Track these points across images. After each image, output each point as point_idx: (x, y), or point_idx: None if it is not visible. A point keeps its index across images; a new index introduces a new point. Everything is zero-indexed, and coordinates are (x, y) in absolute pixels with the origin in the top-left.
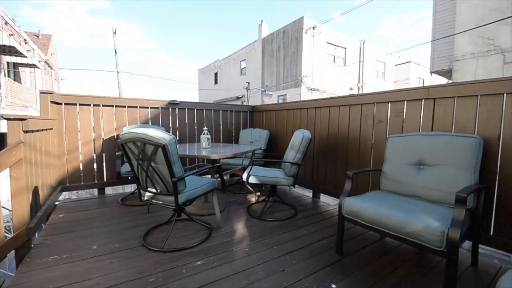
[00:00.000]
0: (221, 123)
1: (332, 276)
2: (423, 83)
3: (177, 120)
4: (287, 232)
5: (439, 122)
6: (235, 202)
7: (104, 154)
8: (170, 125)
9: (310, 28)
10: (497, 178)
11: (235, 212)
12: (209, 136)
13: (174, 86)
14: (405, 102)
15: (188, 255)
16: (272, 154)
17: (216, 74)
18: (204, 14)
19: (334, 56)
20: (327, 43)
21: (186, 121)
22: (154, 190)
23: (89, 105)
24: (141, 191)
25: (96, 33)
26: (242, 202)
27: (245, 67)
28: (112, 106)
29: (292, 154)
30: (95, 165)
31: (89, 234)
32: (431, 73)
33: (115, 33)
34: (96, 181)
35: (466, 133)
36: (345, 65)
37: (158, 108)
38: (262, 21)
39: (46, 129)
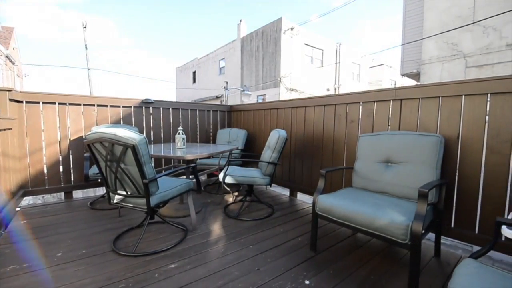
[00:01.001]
0: (198, 123)
1: (306, 273)
2: (395, 84)
3: (152, 120)
4: (264, 231)
5: (406, 121)
6: (212, 202)
7: (71, 156)
8: (144, 125)
9: (288, 29)
10: (456, 174)
11: (212, 213)
12: (184, 136)
13: (152, 85)
14: (375, 103)
15: (161, 258)
16: (249, 154)
17: (194, 72)
18: (183, 11)
19: (312, 57)
20: (305, 44)
21: (161, 121)
22: (124, 193)
23: (54, 103)
24: (110, 194)
25: (67, 27)
26: (219, 203)
27: (224, 66)
28: (80, 104)
29: (268, 153)
30: (61, 168)
31: (54, 241)
32: (401, 75)
33: (85, 27)
34: (62, 185)
35: (429, 132)
36: (322, 66)
37: (130, 107)
38: (241, 21)
39: (4, 129)
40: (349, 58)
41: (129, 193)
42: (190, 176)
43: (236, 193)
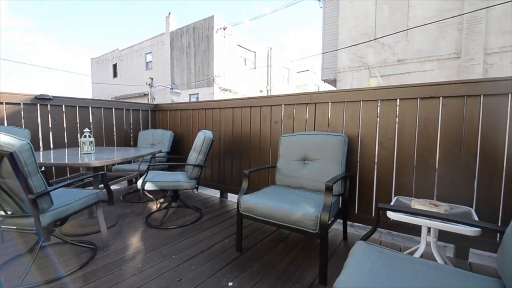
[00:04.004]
0: (114, 123)
1: (229, 275)
2: (318, 88)
3: (50, 120)
4: (189, 237)
5: (320, 123)
6: (132, 213)
7: None
8: (40, 127)
9: (221, 28)
10: (358, 168)
11: (131, 225)
12: (92, 139)
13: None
14: (295, 105)
15: (60, 286)
16: (177, 157)
17: (115, 66)
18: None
19: (245, 59)
20: (238, 45)
21: (64, 121)
22: (2, 213)
23: None
24: None
25: None
26: (140, 212)
27: (151, 61)
28: None
29: (194, 155)
30: None
31: None
32: (322, 81)
33: None
34: None
35: (337, 132)
36: (255, 68)
37: (19, 104)
38: (169, 13)
39: None
40: (279, 62)
41: (9, 213)
42: (100, 186)
43: (161, 200)
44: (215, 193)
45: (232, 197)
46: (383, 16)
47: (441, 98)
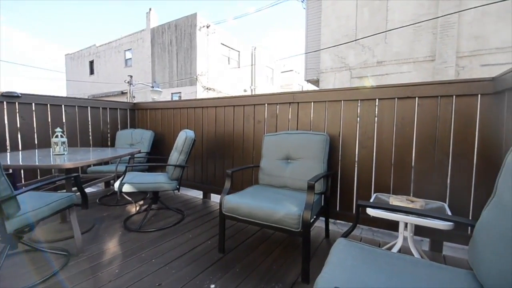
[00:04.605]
0: (90, 122)
1: (212, 277)
2: (302, 88)
3: (19, 119)
4: (170, 240)
5: (302, 122)
6: (109, 216)
7: None
8: (6, 127)
9: (204, 26)
10: (339, 166)
11: (108, 229)
12: (65, 139)
13: (33, 75)
14: (278, 104)
15: None
16: (157, 157)
17: (92, 62)
18: None
19: (229, 58)
20: (222, 44)
21: (34, 121)
22: None
23: None
24: None
25: None
26: (118, 215)
27: (131, 58)
28: None
29: (175, 156)
30: None
31: None
32: (306, 81)
33: None
34: None
35: (319, 131)
36: (239, 67)
37: None
38: (150, 9)
39: None
40: (264, 62)
41: None
42: (74, 189)
43: (140, 202)
44: (197, 194)
45: (215, 198)
46: (363, 18)
47: (417, 98)
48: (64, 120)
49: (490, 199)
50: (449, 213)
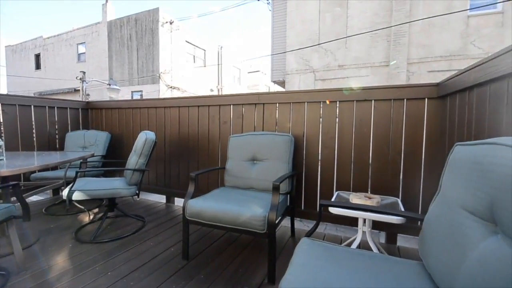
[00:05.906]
0: (34, 123)
1: (175, 286)
2: (269, 89)
3: None
4: (129, 250)
5: (268, 123)
6: (57, 227)
7: None
8: None
9: (167, 22)
10: (303, 166)
11: (56, 242)
12: (1, 143)
13: None
14: (243, 105)
15: None
16: (114, 161)
17: (38, 56)
18: None
19: (194, 56)
20: (187, 41)
21: None
22: None
23: None
24: None
25: None
26: (68, 226)
27: (84, 53)
28: None
29: (134, 159)
30: None
31: None
32: (272, 82)
33: None
34: None
35: (284, 132)
36: (205, 66)
37: None
38: (107, 1)
39: None
40: (230, 62)
41: None
42: (12, 199)
43: (95, 210)
44: (160, 199)
45: (179, 202)
46: (325, 23)
47: (373, 101)
48: (1, 120)
49: (436, 195)
50: (402, 208)
